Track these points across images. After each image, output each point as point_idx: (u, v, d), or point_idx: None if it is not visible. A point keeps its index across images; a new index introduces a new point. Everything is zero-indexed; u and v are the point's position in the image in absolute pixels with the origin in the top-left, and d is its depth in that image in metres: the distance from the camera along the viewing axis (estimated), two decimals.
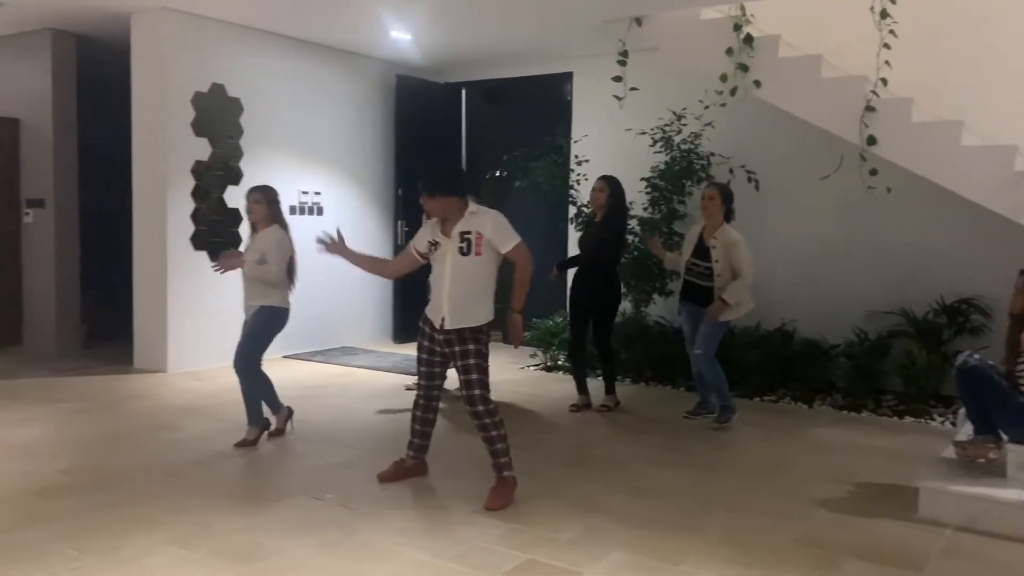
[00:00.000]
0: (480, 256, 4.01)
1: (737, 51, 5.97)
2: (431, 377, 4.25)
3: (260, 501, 4.05)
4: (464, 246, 4.00)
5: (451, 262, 4.02)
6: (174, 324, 6.95)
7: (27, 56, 7.76)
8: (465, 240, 4.00)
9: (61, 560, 3.31)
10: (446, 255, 4.05)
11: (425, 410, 4.36)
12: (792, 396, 6.44)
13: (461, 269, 4.01)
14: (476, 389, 4.01)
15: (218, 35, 7.14)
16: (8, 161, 7.93)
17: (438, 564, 3.35)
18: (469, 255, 4.00)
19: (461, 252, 4.01)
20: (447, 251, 4.04)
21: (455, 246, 4.02)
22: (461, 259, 4.01)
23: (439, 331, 4.07)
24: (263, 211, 4.97)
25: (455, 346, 4.04)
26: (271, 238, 4.91)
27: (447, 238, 4.05)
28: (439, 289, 4.07)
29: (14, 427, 5.22)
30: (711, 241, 5.44)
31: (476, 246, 4.00)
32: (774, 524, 3.86)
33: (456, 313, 4.02)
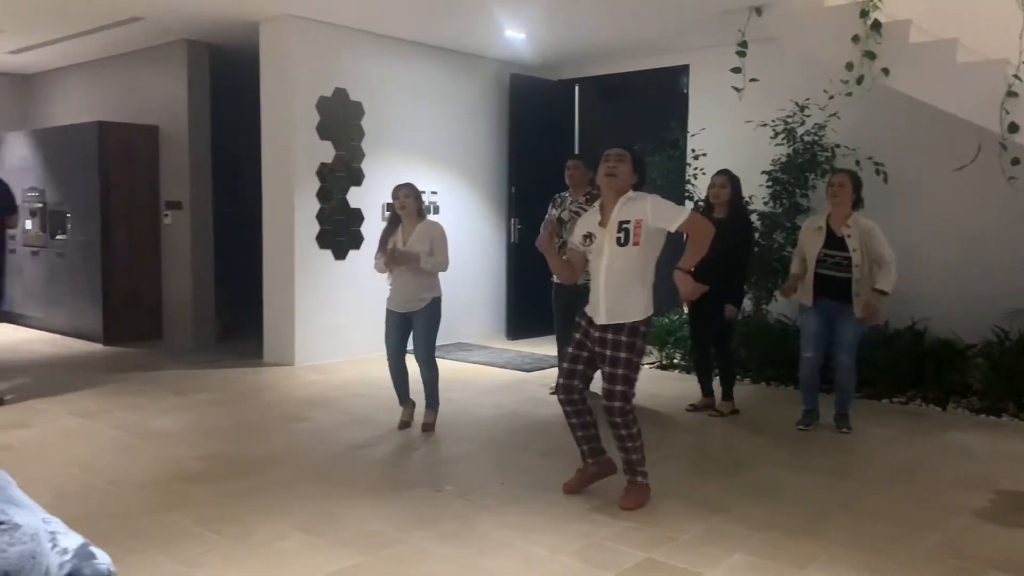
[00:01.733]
0: (638, 247, 3.81)
1: (864, 38, 5.71)
2: (571, 375, 4.04)
3: (383, 491, 4.16)
4: (622, 236, 3.82)
5: (607, 254, 3.86)
6: (301, 320, 7.24)
7: (165, 67, 8.24)
8: (623, 230, 3.82)
9: (201, 542, 3.50)
10: (603, 247, 3.88)
11: (578, 414, 4.10)
12: (924, 398, 6.13)
13: (615, 260, 3.84)
14: (617, 400, 3.83)
15: (340, 41, 7.38)
16: (149, 166, 8.45)
17: (557, 559, 3.37)
18: (627, 246, 3.82)
19: (618, 243, 3.83)
20: (603, 242, 3.87)
21: (612, 236, 3.84)
22: (618, 249, 3.83)
23: (595, 328, 3.92)
24: (415, 205, 5.11)
25: (607, 348, 3.85)
26: (435, 231, 5.06)
27: (603, 228, 3.88)
28: (596, 283, 3.92)
29: (155, 416, 5.56)
30: (843, 230, 5.14)
31: (634, 235, 3.80)
32: (906, 532, 3.69)
33: (612, 307, 3.85)
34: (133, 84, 8.66)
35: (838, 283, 5.15)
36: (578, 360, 4.03)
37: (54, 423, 5.34)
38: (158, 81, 8.36)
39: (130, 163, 8.35)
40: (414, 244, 5.02)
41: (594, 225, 3.94)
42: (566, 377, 4.07)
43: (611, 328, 3.86)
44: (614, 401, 3.84)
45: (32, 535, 1.66)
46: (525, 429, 5.39)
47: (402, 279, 5.09)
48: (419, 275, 5.04)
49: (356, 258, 7.57)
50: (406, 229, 5.09)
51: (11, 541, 1.62)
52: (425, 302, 5.08)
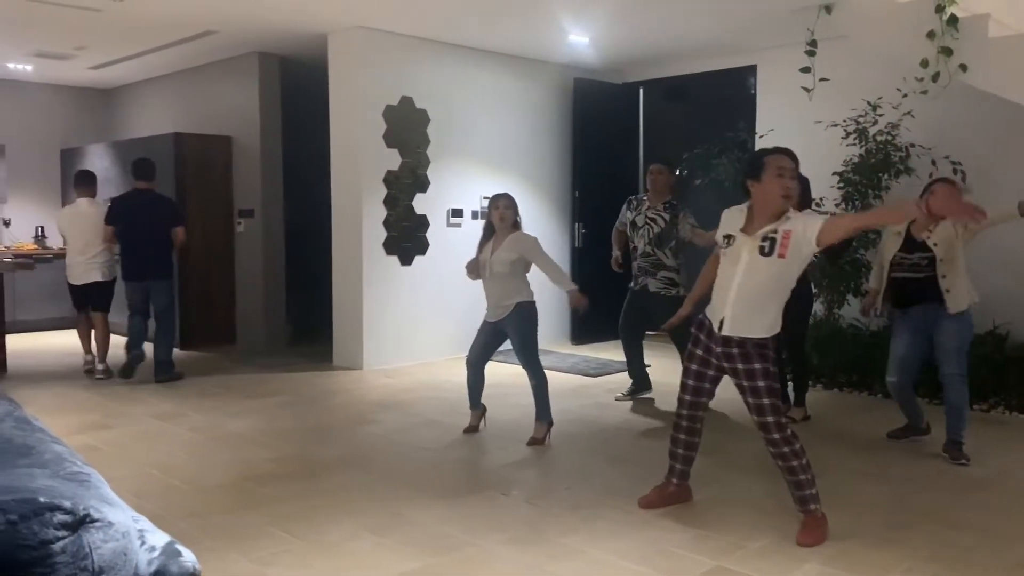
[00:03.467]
0: (783, 259, 3.52)
1: (940, 34, 5.54)
2: (698, 392, 3.82)
3: (450, 494, 4.20)
4: (766, 245, 3.53)
5: (746, 261, 3.58)
6: (368, 324, 7.35)
7: (237, 78, 8.47)
8: (768, 239, 3.53)
9: (274, 542, 3.58)
10: (741, 253, 3.60)
11: (689, 432, 3.91)
12: (1007, 406, 5.91)
13: (756, 272, 3.56)
14: (769, 416, 3.55)
15: (405, 50, 7.48)
16: (223, 175, 8.69)
17: (624, 565, 3.34)
18: (771, 256, 3.53)
19: (761, 252, 3.53)
20: (743, 248, 3.59)
21: (755, 244, 3.55)
22: (759, 259, 3.54)
23: (717, 339, 3.66)
24: (513, 217, 5.10)
25: (737, 362, 3.60)
26: (526, 243, 5.03)
27: (747, 236, 3.59)
28: (724, 289, 3.65)
29: (229, 418, 5.71)
30: (924, 234, 4.73)
31: (781, 246, 3.50)
32: (991, 544, 3.56)
33: (739, 318, 3.59)
34: (207, 96, 8.92)
35: (922, 284, 4.76)
36: (703, 379, 3.81)
37: (134, 425, 5.53)
38: (231, 92, 8.60)
39: (205, 172, 8.60)
40: (501, 254, 5.00)
41: (738, 229, 3.66)
42: (691, 403, 3.86)
43: (736, 344, 3.61)
44: (767, 421, 3.57)
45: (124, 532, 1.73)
46: (590, 435, 5.37)
47: (489, 286, 5.11)
48: (503, 281, 5.03)
49: (422, 263, 7.66)
50: (498, 239, 5.07)
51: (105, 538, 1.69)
52: (510, 308, 5.04)
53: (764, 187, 3.58)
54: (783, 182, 3.54)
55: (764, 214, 3.60)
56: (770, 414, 3.56)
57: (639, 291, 6.09)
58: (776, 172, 3.56)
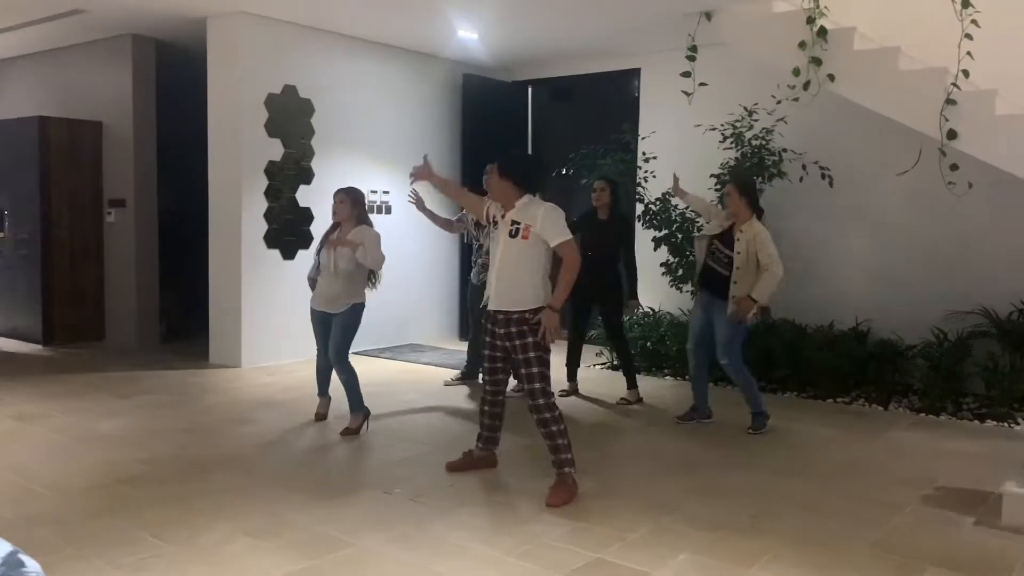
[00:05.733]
0: (527, 240, 4.04)
1: (810, 44, 5.83)
2: (494, 371, 4.30)
3: (332, 494, 4.12)
4: (513, 230, 4.07)
5: (502, 243, 4.09)
6: (248, 321, 7.13)
7: (109, 61, 8.05)
8: (514, 226, 4.07)
9: (144, 547, 3.42)
10: (499, 236, 4.12)
11: (492, 404, 4.40)
12: (867, 398, 6.28)
13: (508, 251, 4.07)
14: (536, 383, 4.04)
15: (290, 37, 7.29)
16: (92, 162, 8.24)
17: (507, 561, 3.36)
18: (516, 238, 4.05)
19: (510, 235, 4.07)
20: (500, 232, 4.12)
21: (506, 229, 4.09)
22: (510, 241, 4.07)
23: (491, 318, 4.15)
24: (348, 211, 5.14)
25: (514, 340, 4.07)
26: (366, 234, 5.09)
27: (502, 220, 4.13)
28: (491, 270, 4.18)
29: (97, 418, 5.42)
30: (738, 233, 5.21)
31: (524, 231, 4.04)
32: (850, 529, 3.77)
33: (502, 294, 4.08)
34: (76, 79, 8.44)
35: (719, 279, 5.25)
36: (495, 360, 4.28)
37: None
38: (102, 76, 8.16)
39: (72, 160, 8.15)
40: (346, 249, 5.07)
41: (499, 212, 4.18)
42: (491, 381, 4.34)
43: (503, 318, 4.08)
44: (534, 387, 4.05)
45: None
46: (475, 431, 5.36)
47: (328, 279, 5.15)
48: (347, 278, 5.08)
49: (305, 258, 7.45)
50: (343, 233, 5.17)
51: None
52: (345, 306, 5.12)
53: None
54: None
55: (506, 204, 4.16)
56: (537, 380, 4.04)
57: (480, 286, 6.27)
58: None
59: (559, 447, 4.07)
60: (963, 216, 6.38)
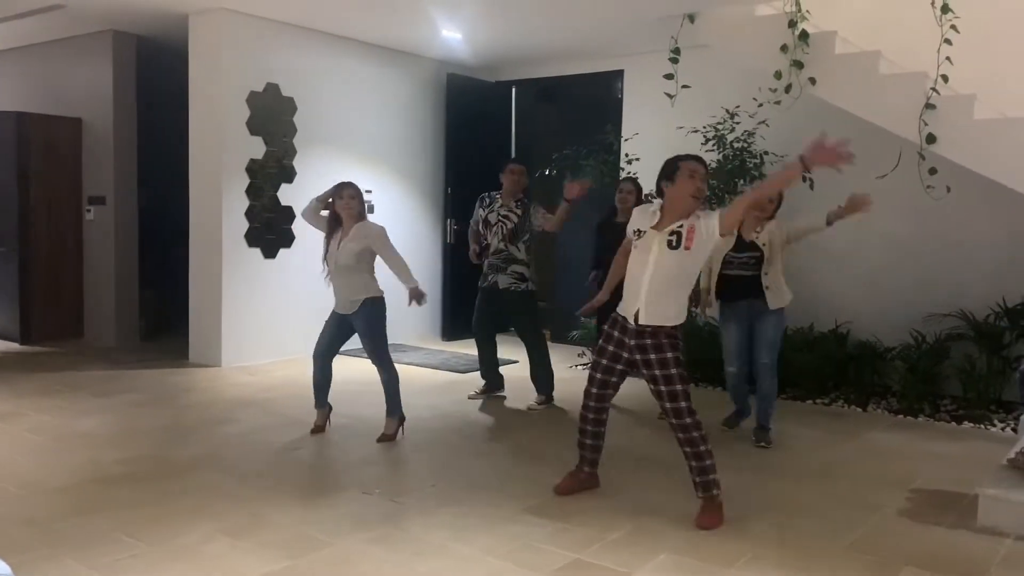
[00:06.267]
0: (690, 251, 3.74)
1: (792, 48, 5.87)
2: (605, 385, 4.03)
3: (312, 494, 4.10)
4: (673, 239, 3.75)
5: (656, 253, 3.79)
6: (228, 320, 7.08)
7: (89, 57, 7.97)
8: (675, 234, 3.76)
9: (120, 548, 3.39)
10: (651, 246, 3.80)
11: (596, 423, 4.13)
12: (846, 399, 6.32)
13: (664, 264, 3.77)
14: (682, 401, 3.80)
15: (273, 35, 7.25)
16: (72, 159, 8.16)
17: (487, 561, 3.36)
18: (678, 249, 3.75)
19: (669, 245, 3.76)
20: (652, 242, 3.80)
21: (664, 238, 3.77)
22: (668, 252, 3.76)
23: (631, 332, 3.85)
24: (359, 207, 5.00)
25: (650, 353, 3.81)
26: (372, 231, 4.99)
27: (657, 232, 3.80)
28: (636, 283, 3.84)
29: (75, 418, 5.37)
30: (753, 235, 5.12)
31: (686, 240, 3.73)
32: (828, 529, 3.79)
33: (652, 308, 3.79)
34: (55, 74, 8.36)
35: (750, 281, 5.10)
36: (611, 373, 4.01)
37: None
38: (82, 72, 8.08)
39: (51, 156, 8.06)
40: (348, 244, 4.93)
41: (647, 224, 3.86)
42: (598, 396, 4.07)
43: (650, 333, 3.81)
44: (681, 406, 3.81)
45: None
46: (458, 431, 5.37)
47: (337, 281, 5.01)
48: (351, 275, 4.96)
49: (286, 257, 7.45)
50: (345, 230, 4.98)
51: None
52: (358, 304, 4.98)
53: (676, 188, 3.81)
54: (695, 183, 3.79)
55: (674, 213, 3.82)
56: (683, 399, 3.80)
57: (489, 289, 6.07)
58: (688, 174, 3.80)
59: (706, 468, 3.84)
60: (942, 219, 6.44)
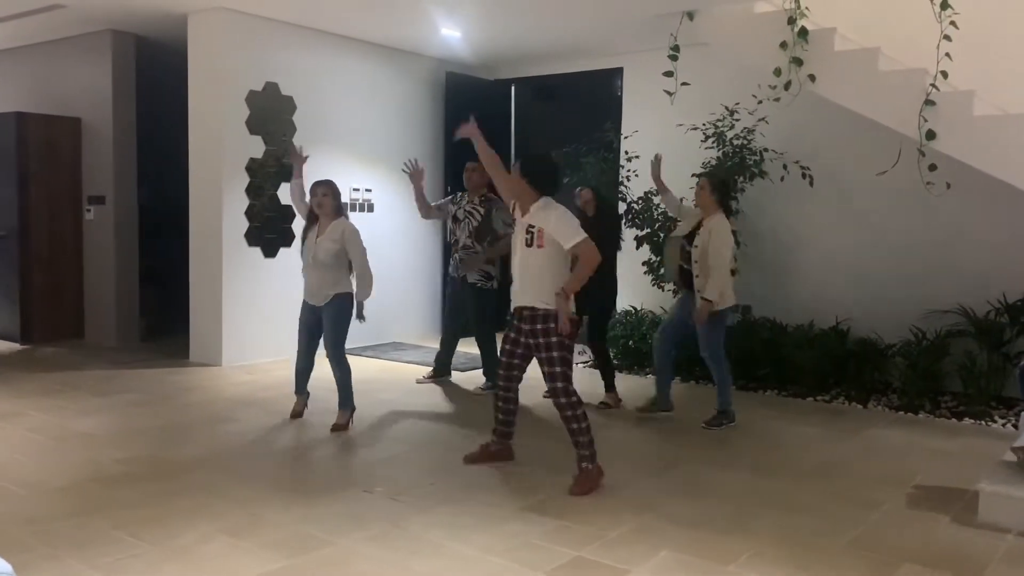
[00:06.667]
0: (543, 248, 4.10)
1: (791, 45, 5.86)
2: (510, 367, 4.37)
3: (312, 493, 4.10)
4: (528, 238, 4.13)
5: (519, 249, 4.19)
6: (228, 319, 7.08)
7: (88, 57, 7.97)
8: (529, 232, 4.13)
9: (120, 547, 3.39)
10: (517, 242, 4.21)
11: (506, 400, 4.46)
12: (847, 396, 6.32)
13: (527, 258, 4.15)
14: (559, 381, 4.13)
15: (272, 34, 7.25)
16: (70, 159, 8.16)
17: (487, 559, 3.36)
18: (532, 247, 4.12)
19: (526, 243, 4.14)
20: (517, 238, 4.21)
21: (522, 236, 4.17)
22: (526, 249, 4.15)
23: (517, 316, 4.22)
24: (332, 204, 5.13)
25: (538, 337, 4.14)
26: (346, 229, 5.09)
27: (519, 224, 4.22)
28: (513, 268, 4.26)
29: (75, 417, 5.37)
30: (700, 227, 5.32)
31: (538, 239, 4.10)
32: (828, 527, 3.79)
33: (525, 292, 4.16)
34: (55, 74, 8.35)
35: (689, 275, 5.37)
36: (513, 356, 4.35)
37: None
38: (81, 72, 8.08)
39: (51, 156, 8.06)
40: (324, 241, 5.06)
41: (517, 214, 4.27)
42: (506, 377, 4.41)
43: (528, 316, 4.14)
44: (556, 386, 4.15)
45: None
46: (457, 429, 5.37)
47: (312, 274, 5.15)
48: (325, 270, 5.08)
49: (286, 256, 7.44)
50: (322, 226, 5.14)
51: None
52: (329, 297, 5.11)
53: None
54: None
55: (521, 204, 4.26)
56: (560, 379, 4.14)
57: (460, 281, 6.32)
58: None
59: (579, 443, 4.19)
60: (941, 216, 6.43)
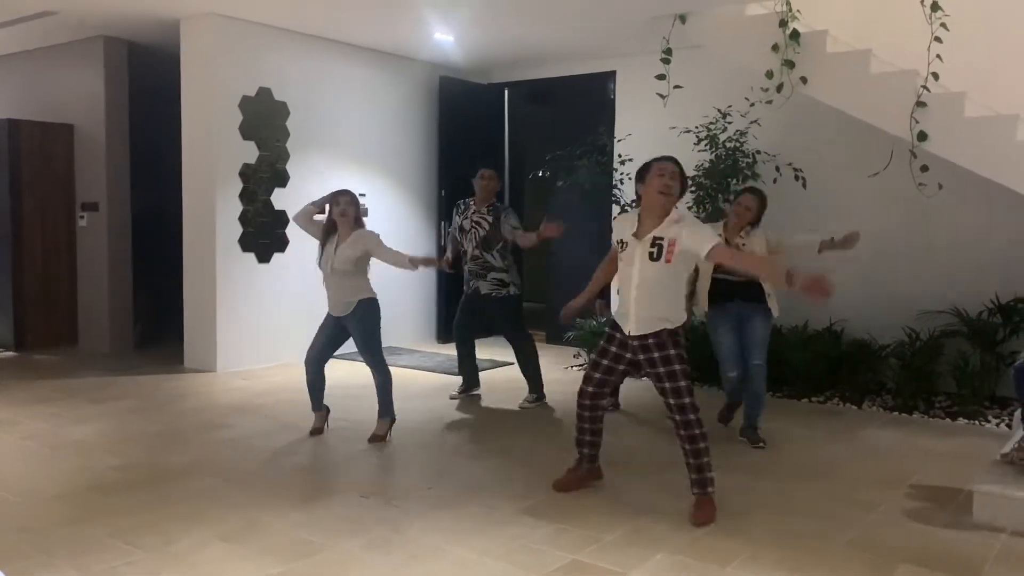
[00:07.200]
0: (670, 264, 3.78)
1: (783, 47, 5.89)
2: (602, 384, 4.10)
3: (308, 498, 4.09)
4: (655, 251, 3.79)
5: (639, 263, 3.83)
6: (223, 325, 7.07)
7: (81, 63, 7.96)
8: (656, 245, 3.79)
9: (116, 555, 3.38)
10: (634, 257, 3.85)
11: (593, 420, 4.18)
12: (841, 397, 6.34)
13: (648, 273, 3.82)
14: (686, 397, 3.84)
15: (265, 40, 7.25)
16: (63, 166, 8.15)
17: (484, 563, 3.36)
18: (658, 261, 3.79)
19: (651, 257, 3.80)
20: (635, 252, 3.85)
21: (645, 249, 3.82)
22: (649, 264, 3.81)
23: (630, 337, 3.91)
24: (355, 213, 5.06)
25: (653, 352, 3.85)
26: (370, 240, 5.03)
27: (638, 240, 3.84)
28: (626, 292, 3.90)
29: (70, 425, 5.35)
30: (736, 240, 5.06)
31: (667, 253, 3.77)
32: (824, 528, 3.80)
33: (644, 317, 3.85)
34: (47, 81, 8.34)
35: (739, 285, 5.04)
36: (611, 373, 4.08)
37: None
38: (74, 78, 8.07)
39: (43, 163, 8.05)
40: (345, 251, 4.97)
41: (629, 234, 3.89)
42: (594, 394, 4.12)
43: (651, 336, 3.84)
44: (685, 402, 3.85)
45: None
46: (454, 433, 5.37)
47: (330, 282, 5.05)
48: (344, 278, 4.99)
49: (281, 261, 7.44)
50: (342, 235, 5.02)
51: None
52: (352, 305, 5.01)
53: (648, 188, 3.87)
54: (662, 180, 3.83)
55: (651, 215, 3.86)
56: (687, 395, 3.84)
57: (471, 294, 6.14)
58: (657, 173, 3.87)
59: (703, 465, 3.90)
60: (934, 217, 6.46)
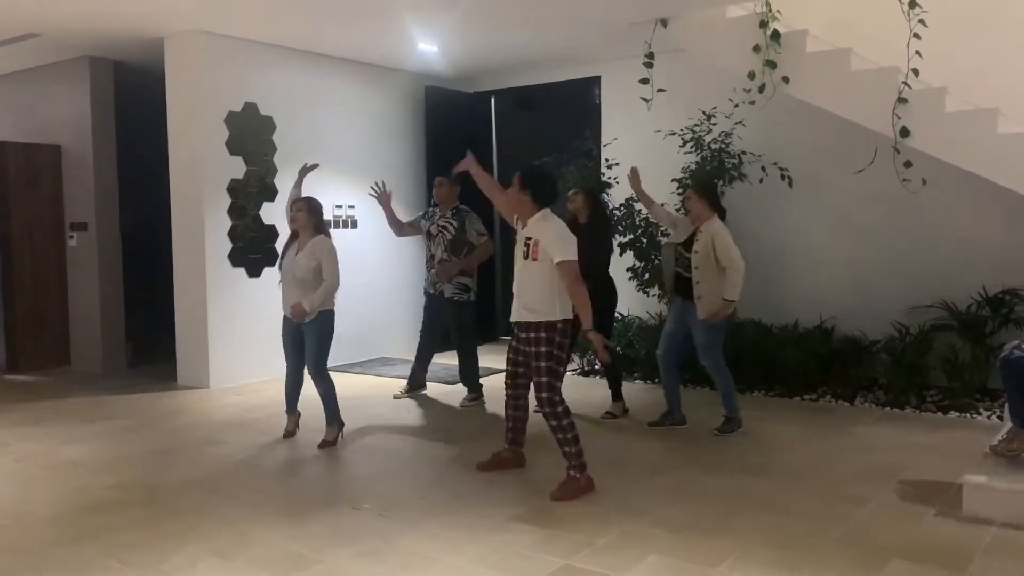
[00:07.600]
0: (538, 261, 4.18)
1: (764, 48, 5.92)
2: (515, 372, 4.50)
3: (300, 511, 4.09)
4: (526, 250, 4.23)
5: (518, 261, 4.30)
6: (215, 341, 7.07)
7: (67, 83, 7.96)
8: (527, 245, 4.23)
9: (109, 574, 3.38)
10: (517, 255, 4.32)
11: (515, 408, 4.59)
12: (833, 394, 6.35)
13: (524, 269, 4.26)
14: (544, 391, 4.21)
15: (249, 55, 7.26)
16: (51, 186, 8.15)
17: (477, 571, 3.37)
18: (528, 259, 4.22)
19: (524, 256, 4.24)
20: (517, 251, 4.31)
21: (520, 248, 4.28)
22: (523, 261, 4.25)
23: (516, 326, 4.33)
24: (306, 220, 5.18)
25: (531, 346, 4.24)
26: (323, 247, 5.14)
27: (519, 237, 4.32)
28: (514, 284, 4.34)
29: (64, 444, 5.35)
30: (698, 234, 5.26)
31: (534, 251, 4.19)
32: (816, 525, 3.81)
33: (520, 307, 4.27)
34: (33, 102, 8.34)
35: (686, 282, 5.30)
36: (517, 364, 4.49)
37: None
38: (60, 99, 8.07)
39: (31, 184, 8.05)
40: (303, 260, 5.10)
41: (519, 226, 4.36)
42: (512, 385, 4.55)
43: (523, 327, 4.26)
44: (542, 396, 4.23)
45: None
46: (446, 443, 5.37)
47: (291, 290, 5.18)
48: (305, 288, 5.10)
49: (271, 275, 7.41)
50: (301, 243, 5.20)
51: None
52: (313, 315, 5.11)
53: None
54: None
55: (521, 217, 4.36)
56: (545, 390, 4.21)
57: (436, 296, 6.38)
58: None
59: (567, 452, 4.26)
60: (920, 211, 6.49)
